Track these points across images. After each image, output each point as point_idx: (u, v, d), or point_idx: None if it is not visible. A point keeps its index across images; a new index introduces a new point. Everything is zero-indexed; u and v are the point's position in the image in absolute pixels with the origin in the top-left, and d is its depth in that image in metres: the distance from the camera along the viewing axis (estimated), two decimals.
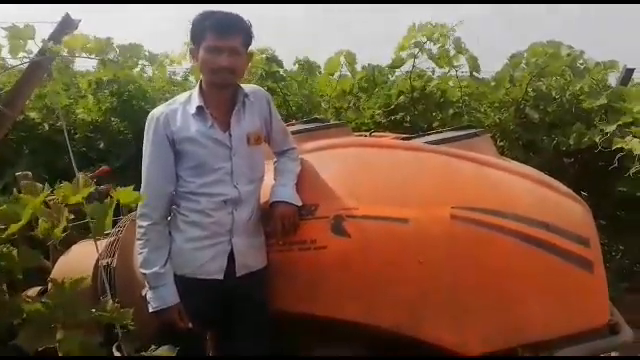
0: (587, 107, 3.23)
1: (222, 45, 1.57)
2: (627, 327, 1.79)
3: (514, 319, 1.67)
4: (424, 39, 3.35)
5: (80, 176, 1.36)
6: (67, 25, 2.07)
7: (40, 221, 1.52)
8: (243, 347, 1.70)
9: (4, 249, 1.41)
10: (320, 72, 3.83)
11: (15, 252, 1.40)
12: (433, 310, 1.67)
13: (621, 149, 2.88)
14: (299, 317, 1.71)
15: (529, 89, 3.46)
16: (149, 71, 3.88)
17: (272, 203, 1.72)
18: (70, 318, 1.15)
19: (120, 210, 2.03)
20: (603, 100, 3.14)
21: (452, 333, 1.66)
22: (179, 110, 1.64)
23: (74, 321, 1.15)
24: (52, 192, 1.59)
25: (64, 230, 1.54)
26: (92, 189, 1.66)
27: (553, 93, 3.45)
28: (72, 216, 1.62)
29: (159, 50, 2.17)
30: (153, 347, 1.38)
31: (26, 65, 1.99)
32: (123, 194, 1.68)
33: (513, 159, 2.55)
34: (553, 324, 1.68)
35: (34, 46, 1.94)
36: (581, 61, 3.31)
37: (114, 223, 2.09)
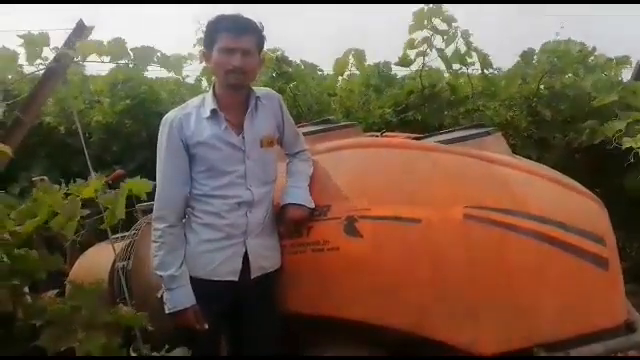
0: (598, 104, 3.20)
1: (235, 46, 1.59)
2: None
3: (528, 318, 1.66)
4: (430, 33, 3.32)
5: (95, 175, 1.39)
6: (81, 31, 2.10)
7: (55, 218, 1.56)
8: (255, 347, 1.71)
9: (22, 251, 1.45)
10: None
11: (34, 254, 1.43)
12: (446, 309, 1.67)
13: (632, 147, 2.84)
14: (312, 317, 1.72)
15: (541, 86, 3.44)
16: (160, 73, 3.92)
17: (283, 205, 1.73)
18: (91, 320, 1.17)
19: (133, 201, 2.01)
20: (614, 97, 3.10)
21: (465, 332, 1.66)
22: (193, 114, 1.66)
23: (95, 323, 1.18)
24: (67, 194, 1.63)
25: (78, 229, 1.58)
26: (103, 182, 1.69)
27: (566, 90, 3.42)
28: (88, 211, 1.66)
29: (172, 51, 2.16)
30: (167, 347, 1.41)
31: (42, 72, 2.03)
32: (134, 185, 1.71)
33: (525, 157, 2.54)
34: (568, 323, 1.67)
35: (49, 52, 1.97)
36: (592, 57, 3.27)
37: (129, 224, 2.13)
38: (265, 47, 1.74)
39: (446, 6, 3.26)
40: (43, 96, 2.23)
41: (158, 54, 1.96)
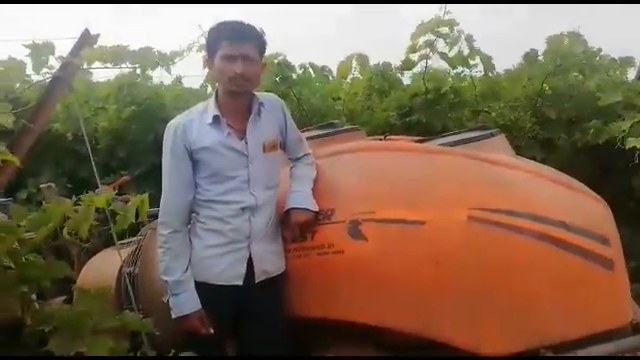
0: (602, 104, 3.19)
1: (236, 53, 1.61)
2: None
3: (533, 320, 1.65)
4: (433, 37, 3.33)
5: (103, 188, 1.42)
6: (86, 40, 2.13)
7: (68, 222, 1.60)
8: (260, 351, 1.72)
9: (31, 257, 1.47)
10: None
11: (42, 262, 1.45)
12: (452, 311, 1.67)
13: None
14: (318, 321, 1.73)
15: (545, 86, 3.43)
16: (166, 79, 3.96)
17: (288, 209, 1.74)
18: (99, 325, 1.19)
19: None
20: (618, 97, 3.10)
21: (470, 334, 1.65)
22: (196, 120, 1.68)
23: (102, 328, 1.20)
24: (77, 202, 1.66)
25: (89, 233, 1.61)
26: (113, 194, 1.74)
27: (570, 90, 3.41)
28: (96, 222, 1.70)
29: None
30: (173, 352, 1.42)
31: (48, 80, 2.06)
32: (144, 199, 1.75)
33: (531, 158, 2.54)
34: (573, 324, 1.66)
35: (55, 61, 2.00)
36: (597, 58, 3.27)
37: (136, 231, 2.15)
38: (267, 52, 1.76)
39: (452, 9, 3.27)
40: (50, 104, 2.26)
41: (156, 53, 1.98)
